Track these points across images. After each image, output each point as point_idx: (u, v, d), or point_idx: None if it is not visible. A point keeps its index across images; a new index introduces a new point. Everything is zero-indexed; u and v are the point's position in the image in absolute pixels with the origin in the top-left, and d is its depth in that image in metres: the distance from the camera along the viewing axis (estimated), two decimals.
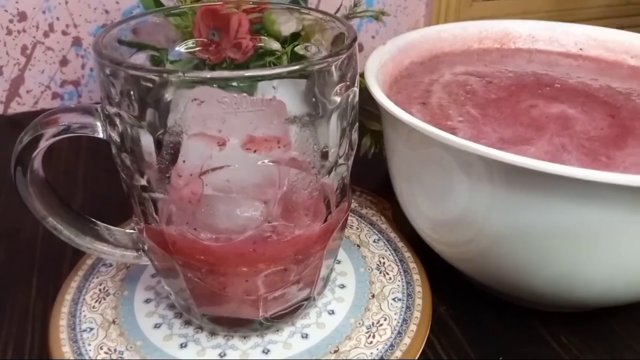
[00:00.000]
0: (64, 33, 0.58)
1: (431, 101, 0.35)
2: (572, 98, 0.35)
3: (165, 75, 0.23)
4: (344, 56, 0.24)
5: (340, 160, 0.27)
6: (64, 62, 0.59)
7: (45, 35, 0.57)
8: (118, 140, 0.25)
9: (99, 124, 0.25)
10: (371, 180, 0.44)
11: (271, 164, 0.23)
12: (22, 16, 0.56)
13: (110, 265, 0.35)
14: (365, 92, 0.31)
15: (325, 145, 0.25)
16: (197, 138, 0.23)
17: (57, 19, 0.57)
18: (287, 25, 0.36)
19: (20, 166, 0.26)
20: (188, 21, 0.33)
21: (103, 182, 0.47)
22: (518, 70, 0.39)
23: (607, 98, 0.35)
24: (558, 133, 0.31)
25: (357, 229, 0.38)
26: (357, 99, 0.27)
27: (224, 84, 0.22)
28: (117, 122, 0.24)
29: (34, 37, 0.57)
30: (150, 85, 0.22)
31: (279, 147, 0.23)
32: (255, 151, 0.23)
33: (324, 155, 0.26)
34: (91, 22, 0.58)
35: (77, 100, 0.62)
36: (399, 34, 0.40)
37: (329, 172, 0.26)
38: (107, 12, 0.58)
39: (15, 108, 0.60)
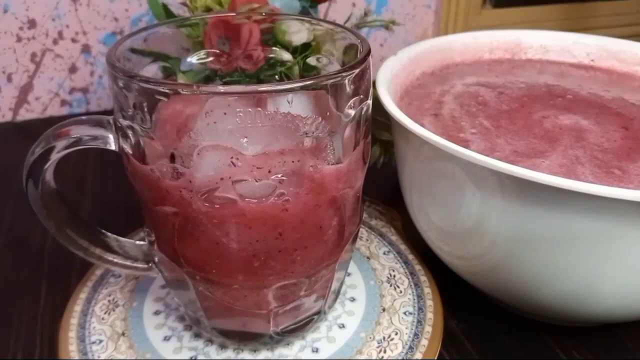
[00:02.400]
0: (73, 40, 0.58)
1: (443, 112, 0.34)
2: (585, 109, 0.35)
3: (179, 88, 0.22)
4: (358, 70, 0.24)
5: None
6: (73, 69, 0.59)
7: (55, 42, 0.58)
8: (131, 152, 0.25)
9: (110, 136, 0.25)
10: (380, 190, 0.43)
11: (284, 178, 0.23)
12: (32, 23, 0.56)
13: (119, 276, 0.35)
14: (374, 102, 0.31)
15: (339, 157, 0.25)
16: (211, 151, 0.22)
17: (67, 26, 0.57)
18: (298, 35, 0.36)
19: (32, 178, 0.26)
20: (199, 31, 0.33)
21: (111, 192, 0.47)
22: (529, 81, 0.39)
23: (620, 110, 0.35)
24: (572, 145, 0.30)
25: (367, 240, 0.38)
26: (370, 111, 0.27)
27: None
28: (130, 135, 0.24)
29: (44, 44, 0.57)
30: (164, 98, 0.22)
31: (292, 162, 0.23)
32: (269, 171, 0.23)
33: None
34: (100, 29, 0.58)
35: (86, 108, 0.62)
36: (407, 42, 0.40)
37: None
38: (116, 19, 0.58)
39: (24, 115, 0.60)
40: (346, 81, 0.24)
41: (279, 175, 0.23)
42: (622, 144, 0.31)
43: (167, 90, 0.22)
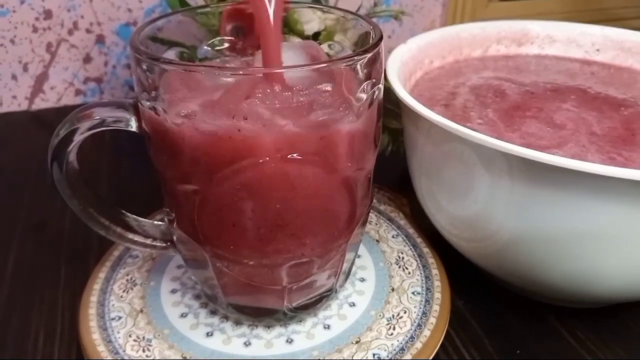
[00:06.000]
0: (88, 31, 0.59)
1: (455, 103, 0.35)
2: (590, 106, 0.35)
3: (200, 70, 0.23)
4: (370, 54, 0.25)
5: None
6: (87, 59, 0.60)
7: (70, 33, 0.59)
8: None
9: (132, 118, 0.26)
10: (389, 177, 0.44)
11: (299, 157, 0.24)
12: (48, 14, 0.57)
13: (137, 256, 0.36)
14: (383, 91, 0.32)
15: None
16: None
17: (82, 17, 0.58)
18: (310, 24, 0.36)
19: (57, 159, 0.27)
20: (215, 20, 0.34)
21: (126, 180, 0.48)
22: (537, 78, 0.39)
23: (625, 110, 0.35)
24: (583, 140, 0.30)
25: (376, 224, 0.39)
26: (381, 95, 0.28)
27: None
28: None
29: (59, 34, 0.58)
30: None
31: (307, 141, 0.24)
32: (286, 149, 0.24)
33: None
34: (114, 20, 0.59)
35: (100, 97, 0.63)
36: (415, 34, 0.41)
37: None
38: (130, 10, 0.59)
39: (39, 104, 0.61)
40: (359, 65, 0.25)
41: (295, 155, 0.24)
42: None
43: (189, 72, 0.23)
